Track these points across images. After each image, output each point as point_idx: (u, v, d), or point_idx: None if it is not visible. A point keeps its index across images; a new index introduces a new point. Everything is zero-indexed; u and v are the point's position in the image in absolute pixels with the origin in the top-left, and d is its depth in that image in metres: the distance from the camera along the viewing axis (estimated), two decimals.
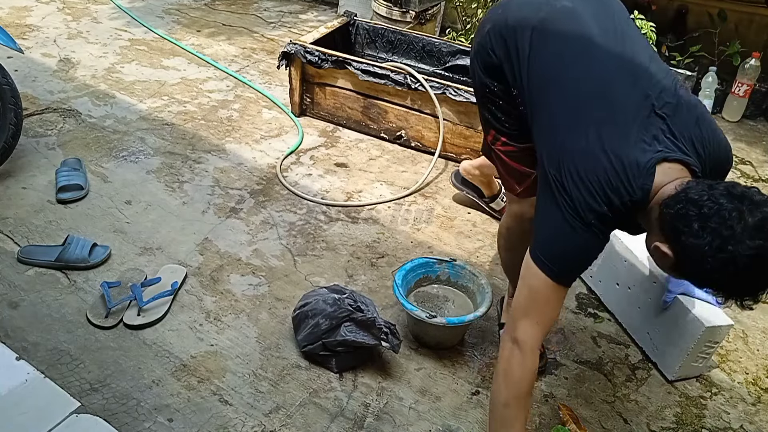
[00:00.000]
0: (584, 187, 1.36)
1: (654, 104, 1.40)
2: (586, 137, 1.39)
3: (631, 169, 1.34)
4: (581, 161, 1.38)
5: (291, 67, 3.17)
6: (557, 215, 1.40)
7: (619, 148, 1.36)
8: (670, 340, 1.99)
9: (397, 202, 2.74)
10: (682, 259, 1.28)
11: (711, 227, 1.20)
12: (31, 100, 3.17)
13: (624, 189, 1.34)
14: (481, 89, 1.72)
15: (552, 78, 1.51)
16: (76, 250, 2.19)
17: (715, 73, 3.59)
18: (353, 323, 1.88)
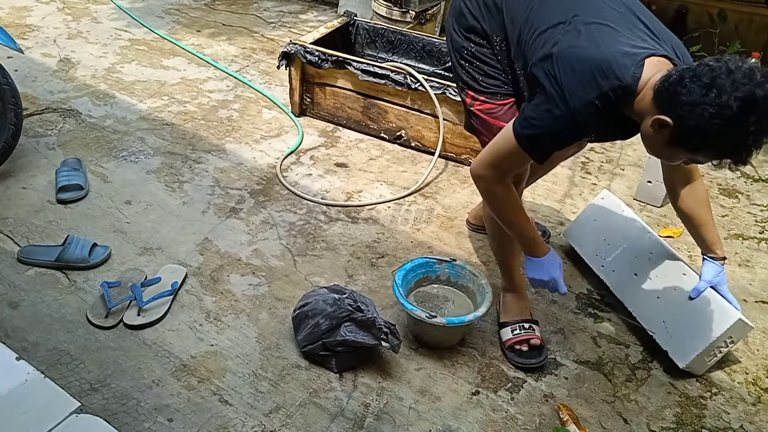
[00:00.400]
0: (575, 77, 1.51)
1: (639, 16, 1.63)
2: (580, 36, 1.56)
3: (623, 59, 1.49)
4: (576, 55, 1.53)
5: (291, 67, 3.17)
6: (545, 104, 1.56)
7: (612, 45, 1.52)
8: (691, 328, 1.99)
9: (397, 202, 2.74)
10: (682, 119, 1.39)
11: (705, 82, 1.35)
12: (31, 100, 3.17)
13: (615, 76, 1.48)
14: (459, 53, 1.93)
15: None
16: (76, 250, 2.19)
17: None
18: (353, 323, 1.88)
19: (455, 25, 1.94)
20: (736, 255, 2.61)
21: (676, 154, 1.51)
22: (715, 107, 1.34)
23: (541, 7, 1.70)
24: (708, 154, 1.47)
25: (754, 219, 2.85)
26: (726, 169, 1.51)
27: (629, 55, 1.50)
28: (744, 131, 1.37)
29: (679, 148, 1.47)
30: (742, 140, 1.39)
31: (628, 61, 1.49)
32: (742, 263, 2.57)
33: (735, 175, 3.17)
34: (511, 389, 1.94)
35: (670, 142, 1.47)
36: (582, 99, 1.51)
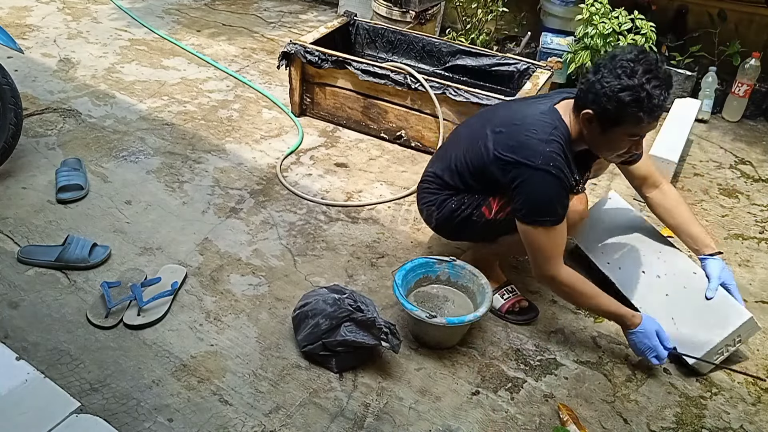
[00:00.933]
0: (528, 151, 1.83)
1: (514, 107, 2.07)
2: (503, 135, 1.93)
3: (541, 117, 1.87)
4: (516, 143, 1.87)
5: (291, 67, 3.17)
6: (527, 186, 1.83)
7: (529, 117, 1.90)
8: (701, 326, 2.00)
9: (397, 202, 2.74)
10: (596, 102, 1.74)
11: (594, 72, 1.75)
12: (31, 100, 3.17)
13: (547, 128, 1.84)
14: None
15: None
16: (76, 250, 2.19)
17: (715, 73, 3.59)
18: (353, 323, 1.88)
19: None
20: (736, 255, 2.61)
21: (614, 138, 1.79)
22: (610, 79, 1.70)
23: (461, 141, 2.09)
24: (631, 120, 1.73)
25: (754, 219, 2.85)
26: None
27: (542, 111, 1.89)
28: (640, 83, 1.67)
29: (611, 129, 1.77)
30: (645, 91, 1.67)
31: (545, 115, 1.88)
32: (742, 263, 2.57)
33: (735, 175, 3.17)
34: (511, 389, 1.94)
35: (603, 130, 1.78)
36: (544, 157, 1.81)
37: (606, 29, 3.19)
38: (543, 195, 1.83)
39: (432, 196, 2.14)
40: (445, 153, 2.14)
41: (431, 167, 2.17)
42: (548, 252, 1.87)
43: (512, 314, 2.18)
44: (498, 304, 2.18)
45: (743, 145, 3.47)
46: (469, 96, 2.81)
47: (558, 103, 1.91)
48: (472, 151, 1.99)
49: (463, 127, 2.18)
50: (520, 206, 1.86)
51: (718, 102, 3.69)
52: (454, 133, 2.21)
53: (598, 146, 1.87)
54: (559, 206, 1.84)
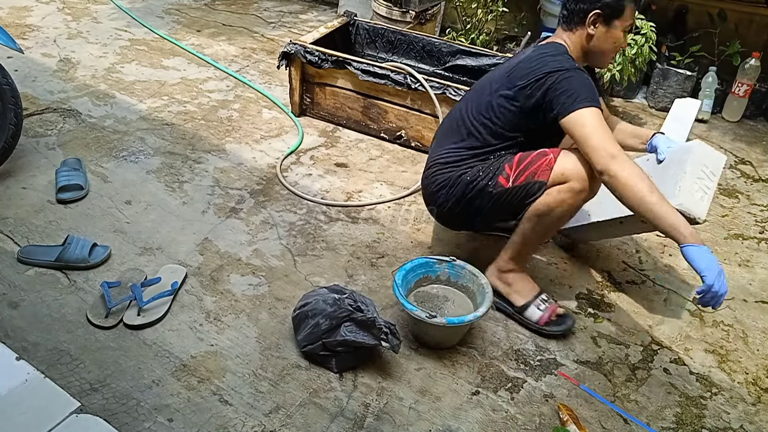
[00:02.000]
0: (548, 61, 1.95)
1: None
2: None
3: (541, 48, 2.03)
4: (535, 61, 1.99)
5: (291, 67, 3.17)
6: (567, 78, 1.90)
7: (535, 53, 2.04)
8: (666, 179, 2.03)
9: (397, 202, 2.74)
10: (606, 1, 1.94)
11: None
12: (31, 100, 3.17)
13: (555, 51, 1.99)
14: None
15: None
16: (76, 250, 2.19)
17: (715, 73, 3.59)
18: (353, 323, 1.88)
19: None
20: (736, 255, 2.61)
21: (616, 33, 1.99)
22: None
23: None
24: (630, 7, 1.97)
25: (754, 219, 2.85)
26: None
27: (535, 49, 2.05)
28: None
29: (614, 22, 1.97)
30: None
31: (543, 47, 2.03)
32: (742, 263, 2.57)
33: (735, 175, 3.17)
34: (511, 389, 1.94)
35: (608, 27, 1.98)
36: (566, 62, 1.95)
37: None
38: (581, 82, 1.90)
39: (443, 176, 2.12)
40: (450, 130, 2.17)
41: (439, 150, 2.17)
42: (606, 133, 1.85)
43: (550, 325, 2.10)
44: (535, 317, 2.10)
45: (743, 145, 3.47)
46: None
47: (543, 42, 2.08)
48: (485, 109, 2.06)
49: (460, 103, 2.22)
50: (570, 96, 1.88)
51: (718, 102, 3.69)
52: (449, 116, 2.24)
53: (604, 47, 2.02)
54: (594, 91, 1.91)
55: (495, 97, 2.03)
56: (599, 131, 1.84)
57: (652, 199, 1.76)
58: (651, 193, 1.77)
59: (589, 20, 1.97)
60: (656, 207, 1.76)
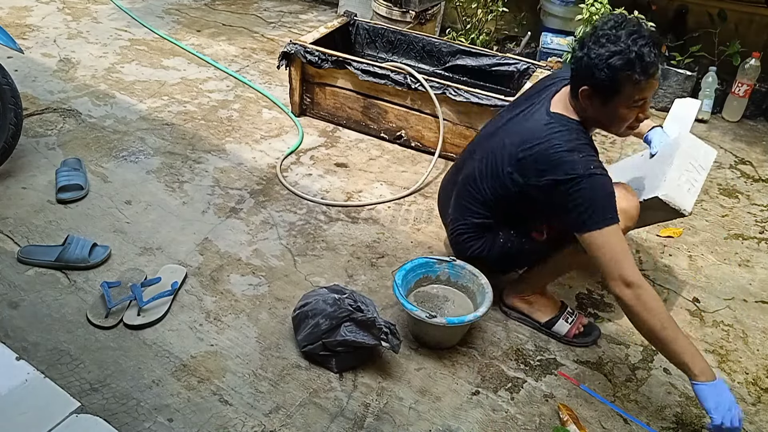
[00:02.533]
0: (557, 162, 1.76)
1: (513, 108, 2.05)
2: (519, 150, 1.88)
3: (543, 120, 1.83)
4: (541, 155, 1.81)
5: (291, 67, 3.17)
6: (586, 189, 1.74)
7: (532, 126, 1.87)
8: (655, 172, 2.05)
9: (397, 202, 2.74)
10: (590, 77, 1.71)
11: (579, 50, 1.74)
12: (31, 100, 3.17)
13: (556, 133, 1.79)
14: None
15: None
16: (76, 250, 2.19)
17: (715, 73, 3.59)
18: (353, 323, 1.88)
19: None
20: (736, 255, 2.61)
21: (617, 109, 1.76)
22: (596, 49, 1.69)
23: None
24: (628, 86, 1.71)
25: (754, 219, 2.85)
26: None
27: (545, 122, 1.83)
28: (627, 46, 1.67)
29: (612, 99, 1.74)
30: (634, 52, 1.66)
31: (553, 124, 1.82)
32: (742, 263, 2.57)
33: (735, 175, 3.17)
34: (511, 389, 1.94)
35: (603, 102, 1.76)
36: (582, 163, 1.75)
37: None
38: (601, 194, 1.75)
39: (476, 242, 2.08)
40: (468, 193, 2.05)
41: (460, 216, 2.09)
42: (622, 253, 1.73)
43: (579, 337, 2.10)
44: (563, 330, 2.09)
45: (743, 145, 3.47)
46: (469, 96, 2.81)
47: (551, 102, 1.88)
48: (501, 186, 1.93)
49: (475, 158, 2.06)
50: (582, 214, 1.74)
51: (718, 102, 3.69)
52: (463, 171, 2.11)
53: (606, 122, 1.83)
54: (613, 203, 1.76)
55: (507, 178, 1.90)
56: (617, 254, 1.73)
57: (663, 336, 1.70)
58: (663, 330, 1.70)
59: (581, 94, 1.77)
60: (667, 345, 1.71)
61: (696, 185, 2.02)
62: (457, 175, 2.15)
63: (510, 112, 2.03)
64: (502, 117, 2.07)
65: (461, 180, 2.10)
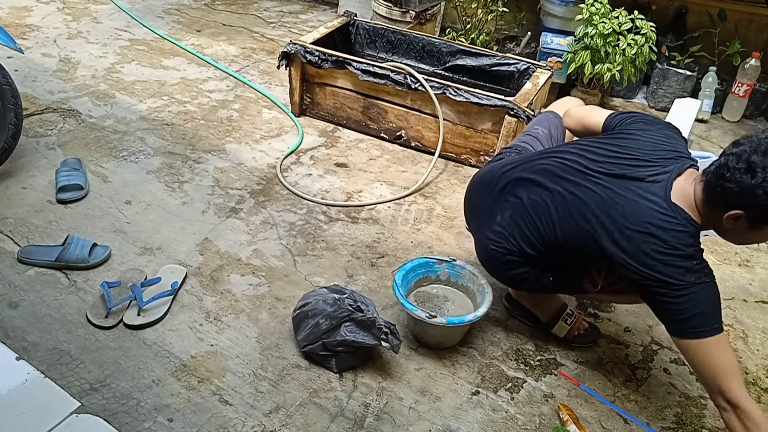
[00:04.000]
0: (671, 266, 1.58)
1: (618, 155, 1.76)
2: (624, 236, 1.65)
3: (663, 216, 1.60)
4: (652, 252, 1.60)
5: (291, 67, 3.17)
6: (691, 299, 1.58)
7: (643, 215, 1.62)
8: None
9: (397, 202, 2.74)
10: (750, 206, 1.51)
11: (743, 167, 1.49)
12: (31, 100, 3.17)
13: (677, 235, 1.59)
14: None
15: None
16: (76, 250, 2.19)
17: (715, 73, 3.59)
18: (353, 323, 1.88)
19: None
20: (736, 255, 2.61)
21: (764, 232, 1.59)
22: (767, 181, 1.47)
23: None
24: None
25: None
26: None
27: (663, 210, 1.61)
28: None
29: (765, 226, 1.55)
30: None
31: (670, 217, 1.60)
32: (742, 263, 2.57)
33: None
34: (511, 389, 1.94)
35: (752, 227, 1.57)
36: (695, 272, 1.58)
37: (606, 29, 3.19)
38: (710, 303, 1.59)
39: (520, 268, 1.88)
40: (527, 217, 1.83)
41: (510, 235, 1.85)
42: (726, 368, 1.56)
43: (579, 338, 2.10)
44: (563, 332, 2.08)
45: None
46: (469, 96, 2.81)
47: (672, 186, 1.64)
48: (578, 238, 1.73)
49: (540, 186, 1.83)
50: (686, 321, 1.59)
51: (718, 102, 3.69)
52: (521, 184, 1.87)
53: (741, 240, 1.66)
54: (719, 312, 1.60)
55: (592, 239, 1.69)
56: (719, 368, 1.57)
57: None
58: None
59: (729, 216, 1.56)
60: None
61: None
62: (515, 188, 1.88)
63: (612, 150, 1.76)
64: (599, 152, 1.78)
65: (527, 200, 1.84)
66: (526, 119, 2.68)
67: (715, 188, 1.56)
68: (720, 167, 1.54)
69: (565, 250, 1.78)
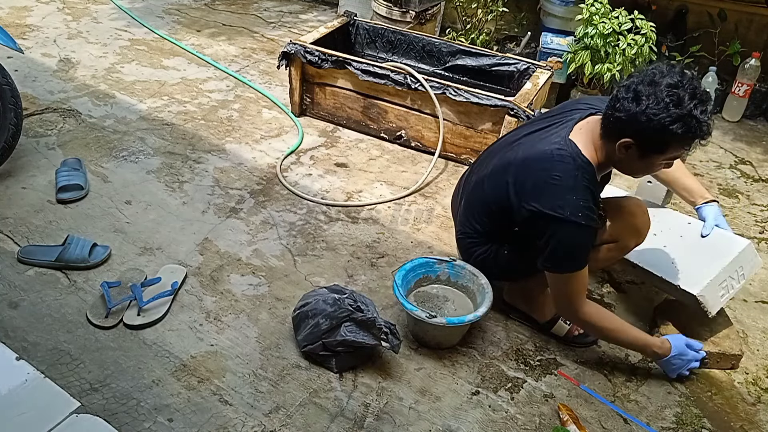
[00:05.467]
0: (556, 199, 1.73)
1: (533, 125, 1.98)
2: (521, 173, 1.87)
3: (558, 152, 1.76)
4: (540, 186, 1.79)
5: (291, 67, 3.17)
6: (561, 235, 1.75)
7: (542, 151, 1.81)
8: (701, 261, 2.04)
9: (397, 202, 2.74)
10: (638, 132, 1.64)
11: (631, 97, 1.63)
12: (31, 100, 3.17)
13: (568, 166, 1.74)
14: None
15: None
16: (76, 250, 2.19)
17: (715, 73, 3.59)
18: (353, 323, 1.88)
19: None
20: None
21: (652, 162, 1.72)
22: (656, 110, 1.59)
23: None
24: (676, 147, 1.67)
25: (754, 219, 2.85)
26: (699, 149, 1.75)
27: (559, 146, 1.77)
28: (689, 112, 1.59)
29: (652, 155, 1.69)
30: (695, 119, 1.60)
31: (563, 150, 1.76)
32: None
33: (735, 175, 3.17)
34: (511, 389, 1.94)
35: (642, 156, 1.70)
36: (572, 207, 1.72)
37: (606, 29, 3.19)
38: (571, 247, 1.76)
39: (480, 248, 2.07)
40: (477, 203, 2.04)
41: (466, 219, 2.08)
42: (572, 295, 1.84)
43: (579, 337, 2.10)
44: (563, 331, 2.10)
45: (743, 145, 3.47)
46: (469, 96, 2.81)
47: (573, 128, 1.82)
48: (503, 198, 1.89)
49: (484, 166, 2.05)
50: (552, 254, 1.78)
51: (718, 102, 3.69)
52: (474, 182, 2.09)
53: (633, 169, 1.80)
54: (586, 254, 1.78)
55: (507, 193, 1.87)
56: (571, 294, 1.84)
57: (617, 336, 1.93)
58: (617, 333, 1.91)
59: (620, 144, 1.69)
60: (622, 341, 1.96)
61: (731, 292, 2.04)
62: (470, 177, 2.14)
63: (530, 126, 1.98)
64: (521, 130, 2.02)
65: (473, 183, 2.07)
66: (525, 119, 2.68)
67: (608, 119, 1.70)
68: (612, 99, 1.69)
69: (497, 214, 1.95)
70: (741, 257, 2.01)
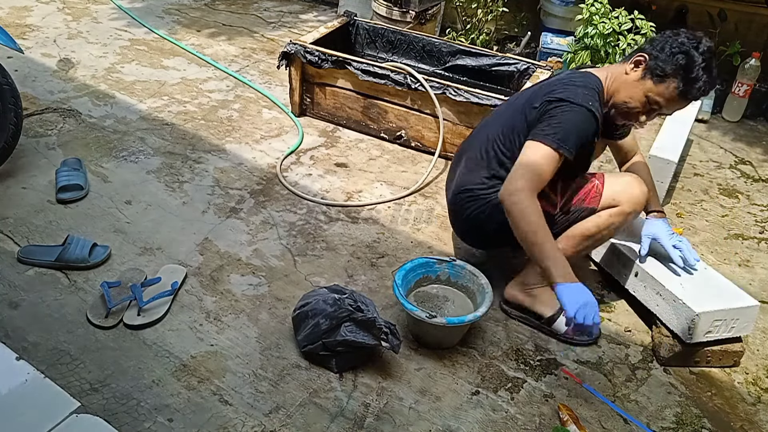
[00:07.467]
0: (578, 91, 1.92)
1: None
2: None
3: (576, 75, 2.00)
4: (568, 91, 1.94)
5: (291, 67, 3.17)
6: (560, 111, 1.89)
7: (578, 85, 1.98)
8: (709, 293, 2.04)
9: (397, 202, 2.74)
10: (654, 56, 1.88)
11: (689, 37, 1.88)
12: (31, 100, 3.17)
13: (593, 86, 1.94)
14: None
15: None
16: (76, 250, 2.19)
17: None
18: (353, 323, 1.88)
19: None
20: (736, 255, 2.61)
21: (644, 92, 1.90)
22: (683, 39, 1.86)
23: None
24: (673, 88, 1.86)
25: (754, 219, 2.85)
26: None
27: (573, 73, 2.03)
28: (702, 59, 1.83)
29: (647, 81, 1.89)
30: (699, 68, 1.83)
31: (579, 73, 2.00)
32: (742, 263, 2.57)
33: (735, 175, 3.17)
34: (511, 389, 1.94)
35: (641, 78, 1.90)
36: (584, 97, 1.89)
37: (606, 29, 3.19)
38: (572, 123, 1.88)
39: (474, 203, 2.09)
40: (480, 157, 2.10)
41: (470, 177, 2.11)
42: (535, 172, 1.86)
43: (578, 336, 2.10)
44: (562, 329, 2.09)
45: (743, 145, 3.47)
46: (469, 96, 2.81)
47: (593, 69, 2.05)
48: (516, 136, 2.01)
49: (491, 124, 2.16)
50: (542, 127, 1.89)
51: (718, 102, 3.69)
52: (478, 137, 2.18)
53: (622, 94, 1.94)
54: (578, 141, 1.88)
55: (524, 120, 2.00)
56: (531, 167, 1.87)
57: (532, 239, 1.84)
58: (535, 234, 1.84)
59: (633, 60, 1.92)
60: (534, 247, 1.85)
61: (715, 335, 2.02)
62: (462, 154, 2.22)
63: (520, 95, 2.16)
64: (512, 99, 2.19)
65: (475, 142, 2.16)
66: None
67: (634, 50, 1.98)
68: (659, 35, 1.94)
69: (508, 137, 2.03)
70: (746, 311, 2.00)
